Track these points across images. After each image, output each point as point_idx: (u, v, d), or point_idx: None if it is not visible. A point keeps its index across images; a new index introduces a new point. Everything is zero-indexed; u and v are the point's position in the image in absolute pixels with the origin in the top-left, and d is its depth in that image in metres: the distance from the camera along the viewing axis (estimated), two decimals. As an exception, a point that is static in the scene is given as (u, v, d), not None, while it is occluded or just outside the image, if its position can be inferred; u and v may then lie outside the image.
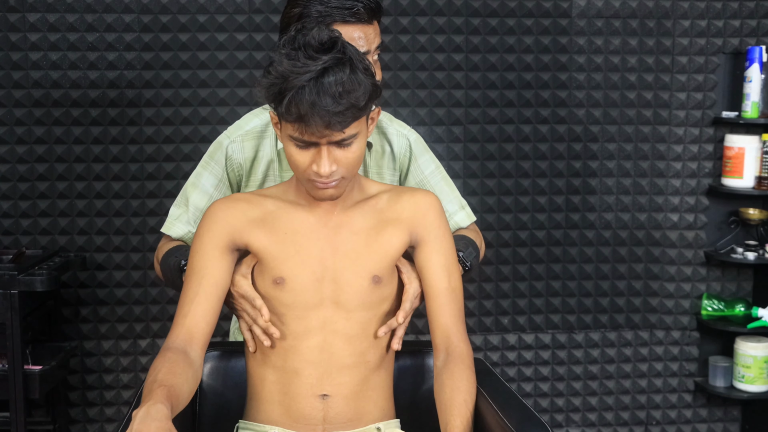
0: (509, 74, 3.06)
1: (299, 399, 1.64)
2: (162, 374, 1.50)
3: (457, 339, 1.69)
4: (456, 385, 1.63)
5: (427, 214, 1.71)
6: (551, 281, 3.19)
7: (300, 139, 1.52)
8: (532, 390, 3.22)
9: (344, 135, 1.52)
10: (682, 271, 3.21)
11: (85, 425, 3.07)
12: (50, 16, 2.86)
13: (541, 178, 3.12)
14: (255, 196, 1.71)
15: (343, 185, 1.60)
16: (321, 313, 1.64)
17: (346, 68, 1.50)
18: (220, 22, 2.92)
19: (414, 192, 1.74)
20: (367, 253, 1.66)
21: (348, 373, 1.65)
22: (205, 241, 1.66)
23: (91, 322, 3.02)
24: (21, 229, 2.95)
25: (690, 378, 3.27)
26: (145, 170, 2.96)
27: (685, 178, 3.17)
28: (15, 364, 2.56)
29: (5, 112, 2.89)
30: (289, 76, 1.49)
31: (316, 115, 1.47)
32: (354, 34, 1.87)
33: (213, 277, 1.64)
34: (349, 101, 1.48)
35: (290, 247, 1.64)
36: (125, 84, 2.92)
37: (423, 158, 2.03)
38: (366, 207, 1.69)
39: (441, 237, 1.71)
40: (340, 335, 1.65)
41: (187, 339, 1.60)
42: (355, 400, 1.67)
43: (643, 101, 3.13)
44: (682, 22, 3.09)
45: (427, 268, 1.71)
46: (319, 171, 1.54)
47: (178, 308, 1.64)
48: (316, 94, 1.47)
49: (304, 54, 1.50)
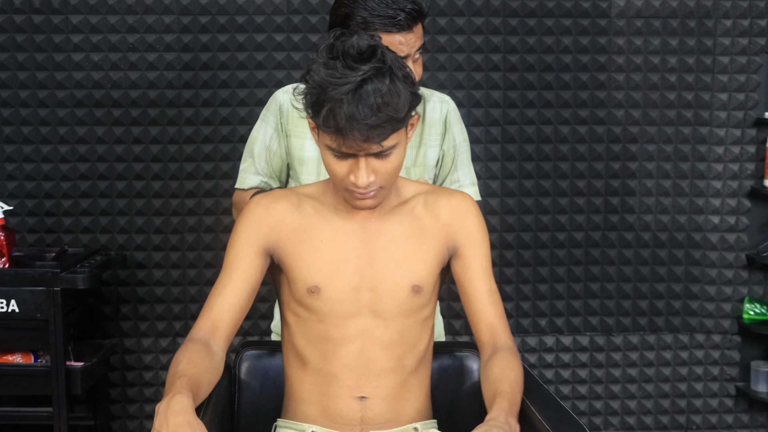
0: (547, 75, 3.04)
1: (337, 400, 1.64)
2: (183, 365, 1.50)
3: (505, 335, 1.67)
4: (505, 365, 1.60)
5: (465, 220, 1.69)
6: (589, 283, 3.16)
7: (338, 150, 1.50)
8: (569, 392, 3.19)
9: (383, 147, 1.49)
10: (723, 274, 3.17)
11: (125, 421, 3.10)
12: (92, 18, 2.90)
13: (580, 179, 3.10)
14: (294, 195, 1.70)
15: (381, 195, 1.58)
16: (359, 321, 1.63)
17: (385, 78, 1.46)
18: (258, 22, 2.93)
19: (450, 196, 1.71)
20: (407, 263, 1.64)
21: (386, 376, 1.65)
22: (243, 238, 1.66)
23: (131, 320, 3.06)
24: (63, 227, 3.00)
25: (731, 383, 3.22)
26: (184, 170, 2.99)
27: (727, 179, 3.13)
28: (57, 360, 2.59)
29: (48, 112, 2.94)
30: (327, 87, 1.45)
31: (355, 129, 1.44)
32: (395, 40, 1.88)
33: (244, 273, 1.64)
34: (388, 114, 1.45)
35: (326, 255, 1.63)
36: (165, 84, 2.95)
37: (457, 127, 2.12)
38: (403, 212, 1.67)
39: (480, 240, 1.70)
40: (378, 342, 1.64)
41: (210, 331, 1.60)
42: (393, 402, 1.66)
43: (683, 102, 3.09)
44: (723, 21, 3.05)
45: (468, 271, 1.69)
46: (356, 182, 1.52)
47: (207, 300, 1.65)
48: (355, 107, 1.43)
49: (342, 64, 1.46)
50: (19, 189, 2.97)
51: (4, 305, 2.56)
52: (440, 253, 1.67)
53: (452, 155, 2.11)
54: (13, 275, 2.57)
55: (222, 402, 1.73)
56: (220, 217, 3.01)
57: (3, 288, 2.56)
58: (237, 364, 1.85)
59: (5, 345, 2.65)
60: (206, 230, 3.02)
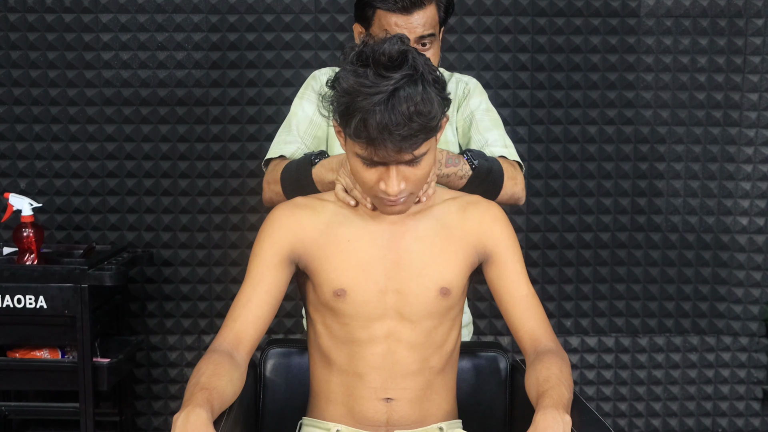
0: (575, 74, 3.03)
1: (363, 402, 1.63)
2: (206, 377, 1.48)
3: (547, 339, 1.64)
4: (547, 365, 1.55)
5: (494, 228, 1.66)
6: (615, 284, 3.14)
7: (368, 159, 1.47)
8: (594, 394, 3.18)
9: (414, 156, 1.46)
10: (752, 276, 3.14)
11: (150, 417, 3.12)
12: (122, 17, 2.92)
13: (607, 179, 3.08)
14: (317, 201, 1.68)
15: (410, 201, 1.56)
16: (385, 323, 1.62)
17: (417, 86, 1.42)
18: (286, 21, 2.94)
19: (477, 204, 1.69)
20: (434, 264, 1.62)
21: (412, 378, 1.63)
22: (266, 248, 1.64)
23: (157, 317, 3.08)
24: (91, 224, 3.02)
25: (758, 386, 3.19)
26: (211, 168, 3.01)
27: (756, 180, 3.09)
28: (84, 356, 2.61)
29: (78, 110, 2.97)
30: (357, 96, 1.41)
31: (387, 140, 1.41)
32: (398, 21, 1.86)
33: (268, 285, 1.62)
34: (421, 123, 1.42)
35: (352, 257, 1.61)
36: (193, 83, 2.96)
37: (475, 99, 2.04)
38: (430, 215, 1.65)
39: (511, 247, 1.67)
40: (404, 344, 1.62)
41: (234, 344, 1.58)
42: (419, 403, 1.65)
43: (712, 102, 3.06)
44: (755, 20, 3.01)
45: (503, 279, 1.66)
46: (387, 191, 1.49)
47: (230, 311, 1.62)
48: (388, 117, 1.39)
49: (373, 71, 1.42)
50: (48, 186, 3.00)
51: (33, 301, 2.59)
52: (469, 255, 1.65)
53: (468, 122, 2.03)
54: (41, 272, 2.60)
55: (247, 400, 1.74)
56: (246, 215, 3.02)
57: (31, 284, 2.58)
58: (262, 362, 1.86)
59: (33, 341, 2.68)
60: (232, 228, 3.03)
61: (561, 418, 1.40)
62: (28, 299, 2.58)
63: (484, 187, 1.82)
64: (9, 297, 2.58)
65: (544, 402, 1.45)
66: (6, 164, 2.99)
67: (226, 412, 1.51)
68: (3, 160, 2.99)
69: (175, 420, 1.37)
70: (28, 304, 2.58)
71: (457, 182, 1.80)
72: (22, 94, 2.96)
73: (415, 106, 1.41)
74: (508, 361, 1.86)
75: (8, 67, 2.94)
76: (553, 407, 1.43)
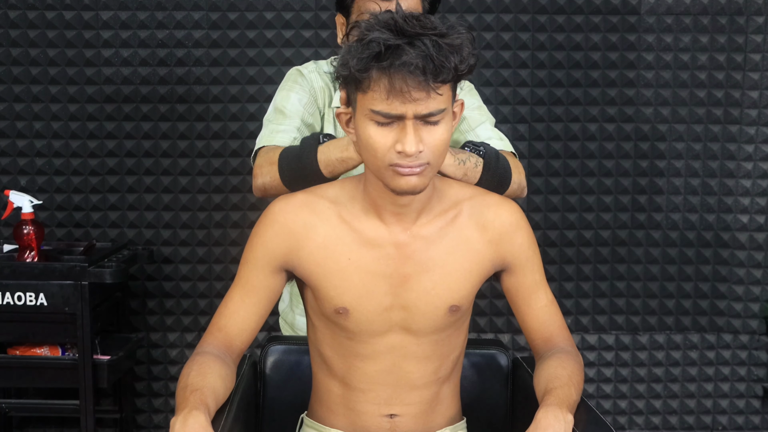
0: (576, 72, 3.02)
1: (365, 417, 1.57)
2: (191, 377, 1.42)
3: (562, 341, 1.58)
4: (557, 364, 1.50)
5: (516, 237, 1.55)
6: (615, 282, 3.14)
7: (383, 112, 1.34)
8: (594, 391, 3.18)
9: (432, 109, 1.34)
10: (752, 273, 3.14)
11: (151, 415, 3.12)
12: (122, 14, 2.92)
13: (607, 177, 3.08)
14: (318, 200, 1.53)
15: (427, 174, 1.40)
16: (389, 338, 1.53)
17: (443, 34, 1.34)
18: (287, 19, 2.94)
19: (499, 205, 1.56)
20: (445, 282, 1.51)
21: (419, 393, 1.57)
22: (259, 254, 1.54)
23: (157, 314, 3.08)
24: (91, 222, 3.02)
25: (759, 383, 3.19)
26: (211, 165, 3.01)
27: (756, 178, 3.09)
28: (84, 353, 2.61)
29: (78, 107, 2.96)
30: (373, 30, 1.33)
31: (410, 68, 1.30)
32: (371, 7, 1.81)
33: (257, 296, 1.54)
34: (448, 51, 1.32)
35: (354, 276, 1.49)
36: (193, 80, 2.96)
37: (466, 99, 1.95)
38: (444, 222, 1.52)
39: (532, 257, 1.57)
40: (410, 358, 1.54)
41: (220, 349, 1.52)
42: (425, 416, 1.59)
43: (713, 100, 3.06)
44: (755, 18, 3.01)
45: (522, 291, 1.58)
46: (404, 149, 1.34)
47: (216, 316, 1.55)
48: (410, 50, 1.30)
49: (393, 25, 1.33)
50: (48, 184, 3.00)
51: (33, 298, 2.59)
52: (484, 269, 1.55)
53: (460, 121, 1.95)
54: (41, 269, 2.60)
55: (247, 397, 1.73)
56: (246, 212, 3.02)
57: (32, 282, 2.59)
58: (262, 358, 1.86)
59: (33, 338, 2.68)
60: (233, 225, 3.03)
61: (563, 416, 1.38)
62: (29, 296, 2.59)
63: (498, 176, 1.70)
64: (9, 294, 2.58)
65: (549, 400, 1.42)
66: (6, 161, 2.99)
67: (225, 411, 1.50)
68: (3, 158, 2.99)
69: (172, 425, 1.33)
70: (29, 301, 2.59)
71: (475, 174, 1.66)
72: (22, 92, 2.96)
73: (441, 39, 1.33)
74: (509, 358, 1.86)
75: (9, 65, 2.94)
76: (556, 405, 1.40)
